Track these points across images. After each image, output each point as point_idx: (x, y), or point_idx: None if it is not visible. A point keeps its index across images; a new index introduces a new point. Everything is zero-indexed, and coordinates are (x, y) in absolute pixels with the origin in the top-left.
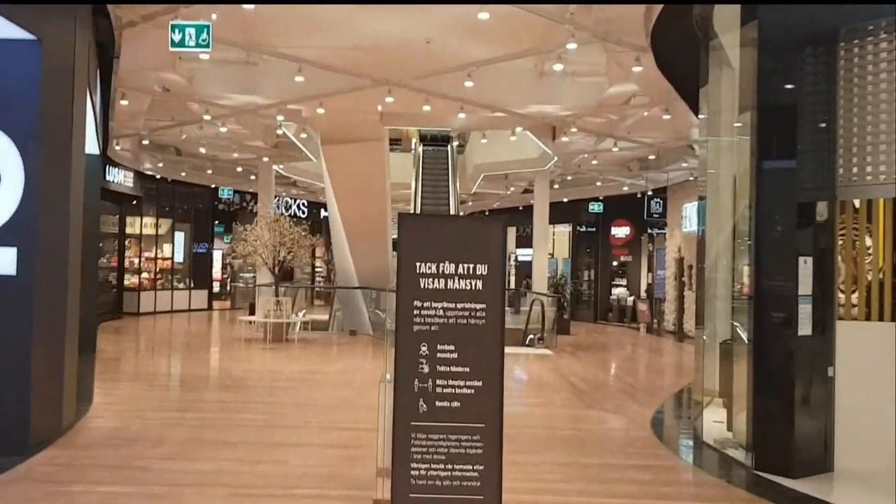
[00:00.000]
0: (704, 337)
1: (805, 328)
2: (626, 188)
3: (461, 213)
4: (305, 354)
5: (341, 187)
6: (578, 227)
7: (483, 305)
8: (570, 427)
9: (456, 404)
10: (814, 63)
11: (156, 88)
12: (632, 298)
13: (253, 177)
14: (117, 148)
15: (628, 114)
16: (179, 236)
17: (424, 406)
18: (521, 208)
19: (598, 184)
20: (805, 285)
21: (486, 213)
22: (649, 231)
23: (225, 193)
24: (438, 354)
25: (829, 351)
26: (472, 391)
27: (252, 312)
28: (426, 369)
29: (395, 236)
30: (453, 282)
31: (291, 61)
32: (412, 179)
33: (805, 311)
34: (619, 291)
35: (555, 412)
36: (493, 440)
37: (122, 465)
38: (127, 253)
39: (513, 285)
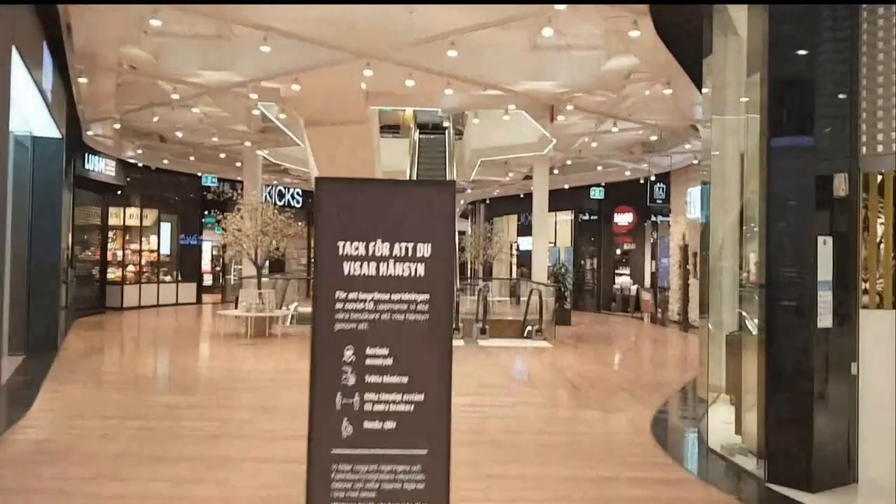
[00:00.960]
0: (710, 326)
1: (825, 319)
2: (628, 173)
3: (461, 202)
4: (284, 351)
5: (328, 172)
6: (581, 215)
7: (426, 296)
8: (561, 431)
9: (390, 425)
10: (833, 28)
11: (122, 66)
12: (635, 287)
13: (239, 164)
14: (90, 133)
15: (628, 92)
16: (166, 227)
17: (349, 428)
18: (521, 196)
19: (599, 168)
20: (825, 270)
21: (487, 202)
22: (653, 219)
23: (208, 181)
24: (368, 361)
25: (852, 345)
26: (412, 408)
27: (237, 306)
28: (351, 380)
29: None
30: (388, 266)
31: (263, 33)
32: (407, 166)
33: (825, 299)
34: (622, 280)
35: (546, 413)
36: (439, 471)
37: (35, 487)
38: (110, 245)
39: (514, 275)
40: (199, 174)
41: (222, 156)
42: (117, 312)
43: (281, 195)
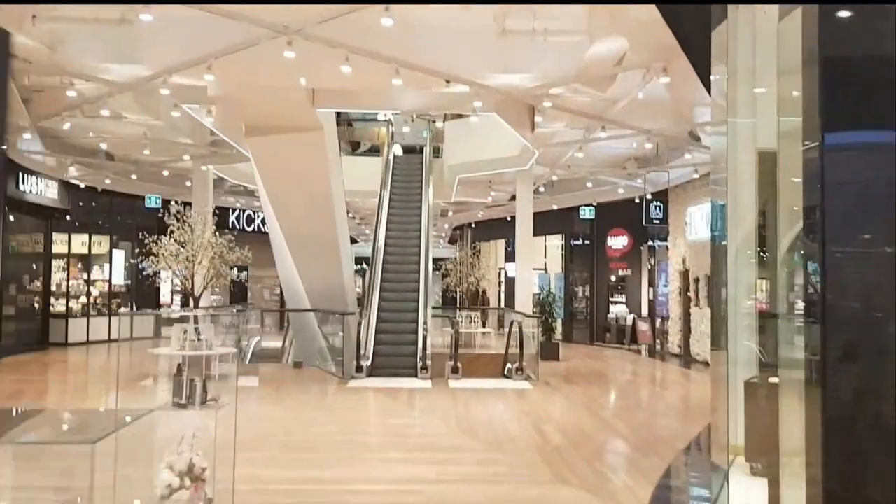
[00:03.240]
0: (722, 368)
1: None
2: (621, 190)
3: (434, 224)
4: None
5: (275, 190)
6: (572, 239)
7: None
8: None
9: None
10: None
11: (15, 57)
12: (632, 317)
13: (189, 183)
14: (21, 148)
15: (618, 93)
16: (120, 255)
17: None
18: (509, 219)
19: (589, 185)
20: None
21: (472, 225)
22: (650, 243)
23: (152, 202)
24: None
25: None
26: None
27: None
28: None
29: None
30: None
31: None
32: (379, 186)
33: None
34: (617, 309)
35: (504, 493)
36: None
37: None
38: (55, 275)
39: (503, 304)
40: (151, 196)
41: (165, 173)
42: (61, 349)
43: (250, 220)
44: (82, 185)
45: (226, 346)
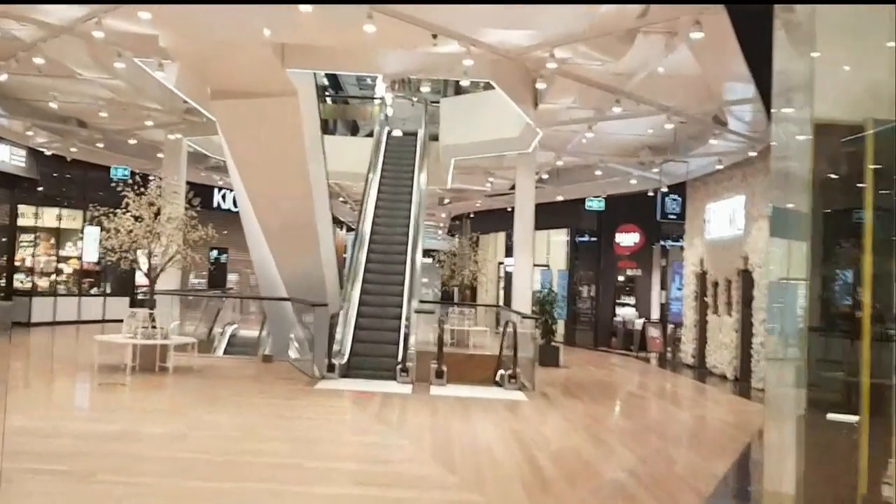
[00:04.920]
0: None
1: None
2: (633, 181)
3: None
4: (144, 398)
5: (245, 164)
6: (577, 235)
7: None
8: None
9: None
10: None
11: None
12: (640, 321)
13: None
14: None
15: (633, 65)
16: (94, 231)
17: None
18: (509, 209)
19: (599, 173)
20: None
21: (471, 216)
22: (662, 243)
23: (118, 173)
24: None
25: None
26: None
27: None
28: None
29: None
30: None
31: None
32: (367, 169)
33: None
34: (624, 312)
35: None
36: None
37: None
38: (21, 251)
39: (501, 301)
40: (118, 168)
41: (132, 142)
42: (23, 329)
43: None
44: (48, 153)
45: (185, 336)
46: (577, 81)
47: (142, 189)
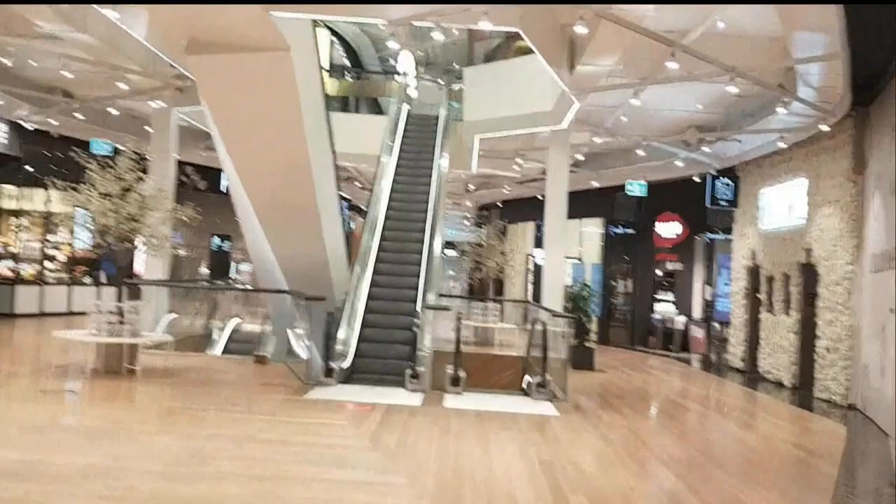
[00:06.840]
0: None
1: None
2: (679, 163)
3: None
4: (87, 412)
5: (231, 134)
6: (611, 225)
7: None
8: None
9: None
10: None
11: None
12: (682, 320)
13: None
14: None
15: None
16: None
17: None
18: (540, 198)
19: (640, 153)
20: None
21: (500, 205)
22: (708, 236)
23: (99, 147)
24: None
25: None
26: None
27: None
28: None
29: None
30: None
31: None
32: (381, 150)
33: None
34: (663, 309)
35: None
36: None
37: None
38: (4, 235)
39: (528, 295)
40: (98, 142)
41: (115, 112)
42: (8, 321)
43: None
44: (31, 127)
45: (161, 334)
46: (626, 28)
47: (108, 162)
